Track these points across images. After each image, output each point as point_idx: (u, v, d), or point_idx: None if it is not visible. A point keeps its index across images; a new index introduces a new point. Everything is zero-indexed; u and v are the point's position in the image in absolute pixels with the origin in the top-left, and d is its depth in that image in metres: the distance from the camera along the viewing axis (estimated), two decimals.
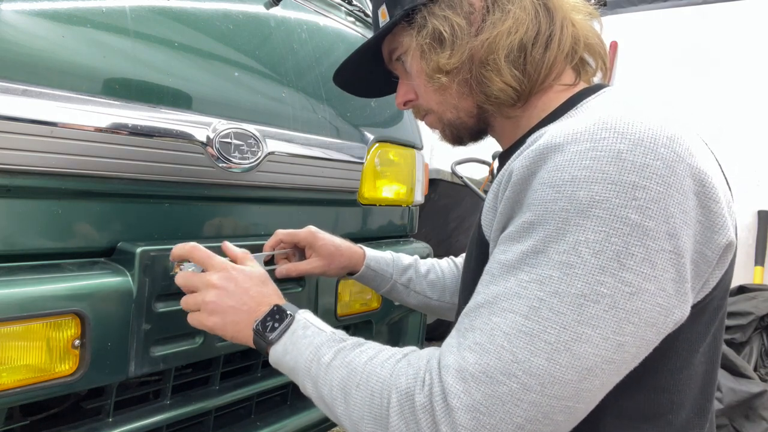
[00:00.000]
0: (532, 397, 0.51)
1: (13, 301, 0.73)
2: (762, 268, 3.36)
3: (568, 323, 0.51)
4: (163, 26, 0.98)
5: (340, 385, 0.63)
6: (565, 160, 0.54)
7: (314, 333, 0.69)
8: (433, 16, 0.71)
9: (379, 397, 0.59)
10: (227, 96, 1.06)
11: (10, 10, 0.78)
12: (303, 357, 0.67)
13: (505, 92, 0.70)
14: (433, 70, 0.72)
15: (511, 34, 0.68)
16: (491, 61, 0.69)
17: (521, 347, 0.52)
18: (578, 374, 0.51)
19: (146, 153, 0.91)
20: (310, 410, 1.24)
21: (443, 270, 1.09)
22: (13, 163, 0.77)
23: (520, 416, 0.52)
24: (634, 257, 0.51)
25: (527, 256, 0.55)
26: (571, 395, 0.52)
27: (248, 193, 1.12)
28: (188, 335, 0.95)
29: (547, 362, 0.51)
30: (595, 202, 0.52)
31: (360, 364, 0.63)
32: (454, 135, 0.80)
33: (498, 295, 0.56)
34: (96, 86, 0.86)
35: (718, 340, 0.66)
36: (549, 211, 0.54)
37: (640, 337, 0.52)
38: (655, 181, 0.52)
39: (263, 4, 1.21)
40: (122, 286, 0.85)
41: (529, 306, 0.53)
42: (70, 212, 0.86)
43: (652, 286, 0.51)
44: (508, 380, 0.52)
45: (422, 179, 1.67)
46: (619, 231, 0.51)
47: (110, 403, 0.91)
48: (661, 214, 0.51)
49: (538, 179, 0.56)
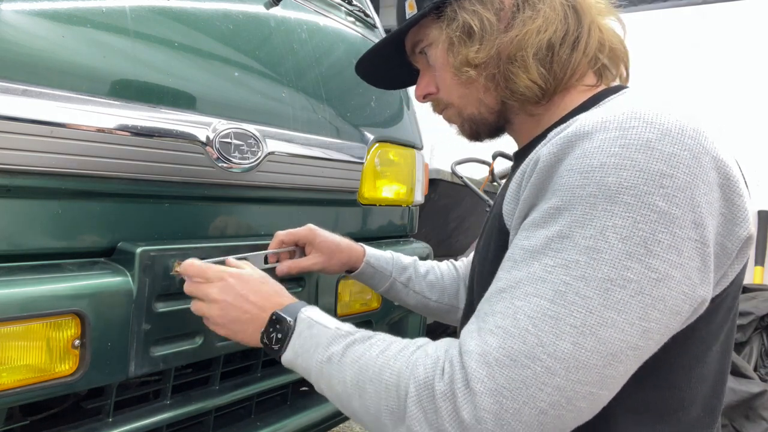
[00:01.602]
0: (556, 381, 0.51)
1: (13, 301, 0.73)
2: (762, 268, 3.36)
3: (594, 307, 0.51)
4: (163, 26, 0.98)
5: (353, 381, 0.63)
6: (594, 147, 0.55)
7: (320, 332, 0.69)
8: (464, 9, 0.72)
9: (395, 389, 0.59)
10: (227, 96, 1.06)
11: (10, 10, 0.78)
12: (314, 359, 0.67)
13: (530, 89, 0.70)
14: (461, 63, 0.73)
15: (541, 33, 0.69)
16: (519, 58, 0.70)
17: (546, 331, 0.52)
18: (603, 359, 0.51)
19: (146, 153, 0.91)
20: (310, 410, 1.24)
21: (442, 272, 1.09)
22: (13, 163, 0.77)
23: (543, 400, 0.52)
24: (660, 244, 0.51)
25: (552, 240, 0.55)
26: (595, 381, 0.52)
27: (248, 193, 1.12)
28: (188, 335, 0.95)
29: (572, 346, 0.51)
30: (624, 188, 0.52)
31: (372, 357, 0.63)
32: (473, 130, 0.81)
33: (521, 279, 0.56)
34: (96, 86, 0.86)
35: (729, 340, 0.66)
36: (576, 197, 0.55)
37: (664, 324, 0.52)
38: (682, 170, 0.53)
39: (263, 4, 1.21)
40: (122, 286, 0.85)
41: (555, 290, 0.53)
42: (70, 212, 0.86)
43: (678, 273, 0.52)
44: (532, 364, 0.52)
45: (422, 179, 1.67)
46: (647, 218, 0.52)
47: (110, 403, 0.91)
48: (688, 203, 0.52)
49: (564, 165, 0.57)
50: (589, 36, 0.71)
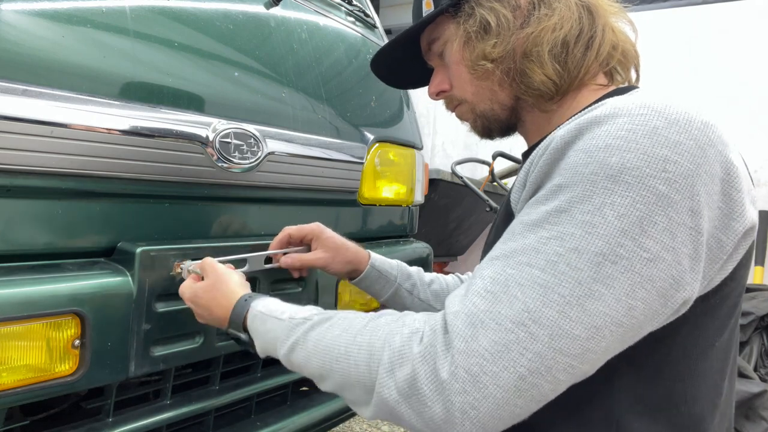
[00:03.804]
0: (538, 347, 0.52)
1: (13, 301, 0.73)
2: (762, 268, 3.36)
3: (583, 279, 0.52)
4: (163, 26, 0.98)
5: (320, 365, 0.65)
6: (602, 131, 0.57)
7: (275, 325, 0.72)
8: (481, 6, 0.74)
9: (366, 363, 0.60)
10: (227, 96, 1.06)
11: (10, 10, 0.78)
12: (280, 353, 0.71)
13: (545, 84, 0.72)
14: (478, 57, 0.74)
15: (556, 30, 0.71)
16: (535, 54, 0.71)
17: (534, 298, 0.53)
18: (587, 331, 0.52)
19: (146, 153, 0.91)
20: (310, 410, 1.24)
21: (447, 283, 1.09)
22: (13, 163, 0.77)
23: (523, 366, 0.52)
24: (655, 225, 0.52)
25: (550, 214, 0.56)
26: (576, 353, 0.52)
27: (248, 193, 1.12)
28: (188, 335, 0.95)
29: (558, 314, 0.52)
30: (626, 169, 0.53)
31: (333, 337, 0.65)
32: (485, 127, 0.82)
33: (515, 249, 0.57)
34: (96, 86, 0.86)
35: (733, 338, 0.66)
36: (578, 174, 0.56)
37: (649, 304, 0.53)
38: (687, 158, 0.54)
39: (263, 4, 1.21)
40: (122, 286, 0.85)
41: (547, 260, 0.54)
42: (70, 212, 0.86)
43: (669, 256, 0.53)
44: (516, 328, 0.53)
45: (422, 179, 1.67)
46: (645, 198, 0.52)
47: (110, 403, 0.91)
48: (688, 191, 0.53)
49: (573, 148, 0.58)
50: (603, 36, 0.72)
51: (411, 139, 1.59)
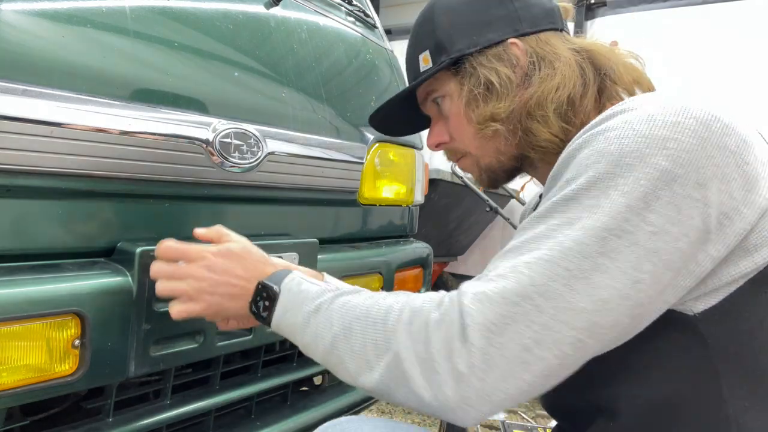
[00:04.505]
0: (543, 319, 0.53)
1: (13, 301, 0.73)
2: None
3: (589, 253, 0.53)
4: (163, 26, 0.98)
5: (339, 324, 0.64)
6: (602, 128, 0.59)
7: (309, 288, 0.70)
8: (482, 66, 0.75)
9: (383, 322, 0.61)
10: (227, 96, 1.06)
11: (10, 10, 0.78)
12: (302, 311, 0.68)
13: (552, 142, 0.73)
14: (485, 118, 0.75)
15: (560, 89, 0.72)
16: (540, 115, 0.72)
17: (540, 272, 0.54)
18: (593, 304, 0.52)
19: (146, 153, 0.91)
20: (310, 410, 1.24)
21: None
22: (13, 163, 0.77)
23: (529, 338, 0.53)
24: (660, 200, 0.53)
25: (557, 204, 0.58)
26: (583, 326, 0.53)
27: (248, 193, 1.12)
28: (188, 335, 0.95)
29: (564, 287, 0.53)
30: (626, 152, 0.55)
31: (360, 300, 0.65)
32: (491, 179, 0.83)
33: (525, 240, 0.58)
34: (96, 86, 0.86)
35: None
36: (582, 166, 0.57)
37: (657, 277, 0.53)
38: (688, 135, 0.54)
39: (263, 4, 1.21)
40: (122, 286, 0.85)
41: (555, 241, 0.55)
42: (70, 212, 0.86)
43: (675, 229, 0.53)
44: (522, 301, 0.54)
45: (422, 179, 1.67)
46: (648, 175, 0.54)
47: (110, 403, 0.91)
48: (692, 164, 0.53)
49: (581, 153, 0.60)
50: (611, 80, 0.74)
51: (411, 139, 1.59)
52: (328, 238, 1.33)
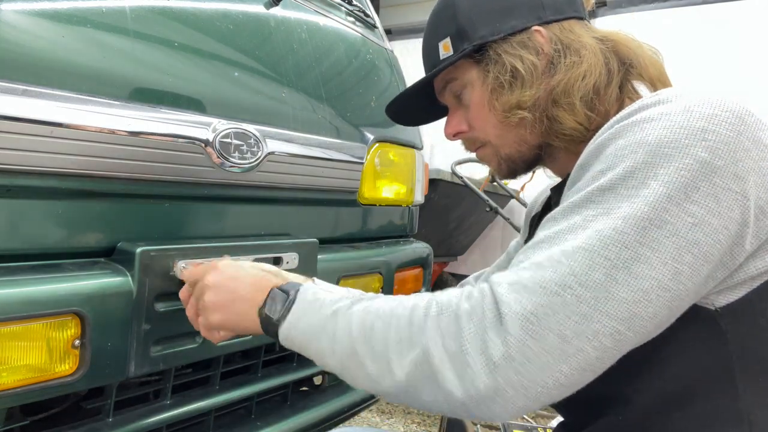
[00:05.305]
0: (584, 309, 0.51)
1: (13, 301, 0.73)
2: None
3: (629, 243, 0.52)
4: (163, 26, 0.98)
5: (360, 325, 0.60)
6: (637, 118, 0.58)
7: (325, 296, 0.66)
8: (507, 53, 0.74)
9: (408, 317, 0.58)
10: (227, 96, 1.06)
11: (10, 10, 0.78)
12: (318, 316, 0.64)
13: (577, 130, 0.72)
14: (511, 106, 0.74)
15: (587, 77, 0.71)
16: (566, 102, 0.71)
17: (580, 261, 0.53)
18: (633, 294, 0.52)
19: (146, 153, 0.91)
20: (310, 410, 1.24)
21: None
22: (13, 163, 0.77)
23: (569, 328, 0.51)
24: (699, 191, 0.53)
25: (593, 194, 0.57)
26: (623, 317, 0.52)
27: (248, 193, 1.12)
28: (188, 335, 0.95)
29: (604, 277, 0.52)
30: (665, 142, 0.55)
31: (382, 302, 0.62)
32: (510, 169, 0.81)
33: (560, 230, 0.57)
34: (96, 86, 0.86)
35: None
36: (618, 157, 0.57)
37: (696, 269, 0.53)
38: (725, 127, 0.54)
39: (263, 4, 1.21)
40: (122, 286, 0.85)
41: (593, 230, 0.54)
42: (70, 212, 0.86)
43: (715, 221, 0.53)
44: (562, 291, 0.52)
45: (422, 179, 1.67)
46: (688, 165, 0.53)
47: (110, 403, 0.91)
48: (730, 156, 0.53)
49: (613, 143, 0.59)
50: (637, 72, 0.73)
51: (411, 139, 1.59)
52: (328, 238, 1.33)
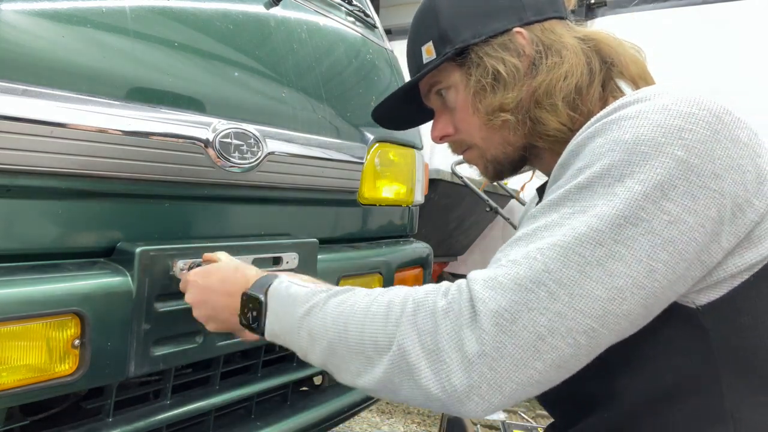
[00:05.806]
0: (558, 306, 0.52)
1: (13, 301, 0.73)
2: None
3: (604, 240, 0.52)
4: (163, 26, 0.98)
5: (334, 323, 0.63)
6: (614, 117, 0.59)
7: (298, 291, 0.69)
8: (488, 56, 0.74)
9: (384, 317, 0.59)
10: (227, 96, 1.06)
11: (10, 10, 0.78)
12: (295, 316, 0.67)
13: (560, 131, 0.72)
14: (494, 109, 0.74)
15: (569, 78, 0.71)
16: (548, 103, 0.72)
17: (554, 258, 0.53)
18: (608, 292, 0.52)
19: (146, 153, 0.91)
20: (310, 410, 1.24)
21: None
22: (13, 163, 0.77)
23: (543, 325, 0.52)
24: (676, 189, 0.53)
25: (570, 192, 0.57)
26: (597, 314, 0.52)
27: (248, 193, 1.12)
28: (188, 335, 0.95)
29: (578, 274, 0.52)
30: (641, 141, 0.55)
31: (357, 298, 0.63)
32: (496, 171, 0.82)
33: (537, 227, 0.57)
34: (96, 86, 0.86)
35: None
36: (595, 155, 0.57)
37: (672, 267, 0.53)
38: (702, 126, 0.55)
39: (263, 4, 1.21)
40: (122, 286, 0.85)
41: (569, 227, 0.54)
42: (70, 212, 0.86)
43: (691, 219, 0.53)
44: (536, 288, 0.53)
45: (422, 179, 1.67)
46: (664, 164, 0.53)
47: (110, 403, 0.91)
48: (707, 155, 0.54)
49: (593, 141, 0.59)
50: (618, 70, 0.73)
51: (411, 139, 1.59)
52: (328, 238, 1.33)
